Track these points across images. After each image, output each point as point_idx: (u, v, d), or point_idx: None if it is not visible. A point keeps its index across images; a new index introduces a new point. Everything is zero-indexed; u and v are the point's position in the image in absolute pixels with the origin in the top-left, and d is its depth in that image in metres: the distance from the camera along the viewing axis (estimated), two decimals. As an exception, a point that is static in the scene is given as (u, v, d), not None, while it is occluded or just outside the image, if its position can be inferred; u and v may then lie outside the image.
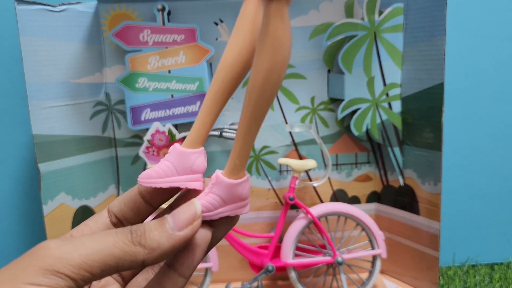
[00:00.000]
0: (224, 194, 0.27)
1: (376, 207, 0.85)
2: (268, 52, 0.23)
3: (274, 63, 0.23)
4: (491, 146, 0.90)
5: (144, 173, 0.27)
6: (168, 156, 0.27)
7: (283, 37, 0.23)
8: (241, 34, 0.26)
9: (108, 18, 0.75)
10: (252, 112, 0.25)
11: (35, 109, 0.68)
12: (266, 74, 0.24)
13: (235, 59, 0.26)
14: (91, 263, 0.22)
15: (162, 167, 0.27)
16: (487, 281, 0.86)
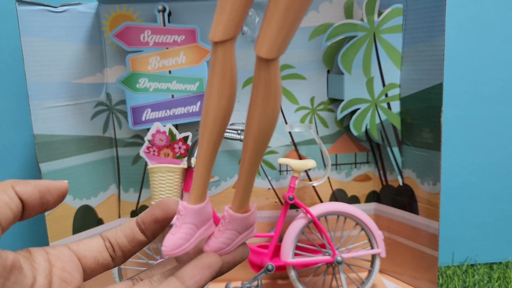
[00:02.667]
0: (239, 227, 0.30)
1: (375, 206, 0.86)
2: (272, 102, 0.26)
3: (277, 109, 0.27)
4: (490, 146, 0.91)
5: (170, 243, 0.28)
6: (185, 218, 0.28)
7: (280, 86, 0.26)
8: (225, 84, 0.26)
9: (109, 19, 0.75)
10: (257, 155, 0.28)
11: (36, 109, 0.68)
12: (272, 120, 0.27)
13: (222, 112, 0.27)
14: None
15: (187, 231, 0.28)
16: (486, 280, 0.86)
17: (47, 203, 0.29)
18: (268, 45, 0.24)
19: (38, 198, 0.28)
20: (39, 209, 0.29)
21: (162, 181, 0.74)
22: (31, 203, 0.28)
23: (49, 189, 0.29)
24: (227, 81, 0.26)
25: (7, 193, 0.27)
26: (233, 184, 0.82)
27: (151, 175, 0.75)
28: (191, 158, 0.75)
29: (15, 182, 0.28)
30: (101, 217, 0.79)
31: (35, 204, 0.28)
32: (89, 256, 0.30)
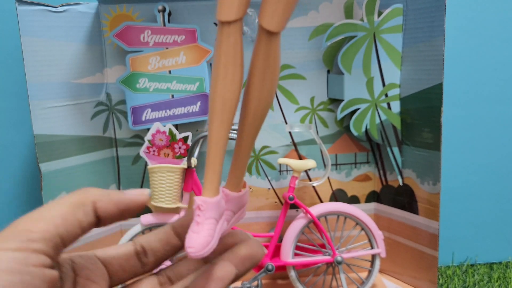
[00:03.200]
0: (234, 207, 0.29)
1: (375, 206, 0.86)
2: (271, 76, 0.26)
3: (275, 84, 0.26)
4: (489, 146, 0.91)
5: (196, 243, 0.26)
6: (206, 212, 0.27)
7: (280, 61, 0.26)
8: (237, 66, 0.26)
9: (109, 19, 0.75)
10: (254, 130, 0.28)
11: (36, 109, 0.68)
12: (270, 95, 0.26)
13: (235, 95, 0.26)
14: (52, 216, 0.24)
15: (210, 227, 0.27)
16: (486, 280, 0.86)
17: (123, 218, 0.28)
18: (279, 18, 0.24)
19: (116, 216, 0.27)
20: (112, 222, 0.28)
21: (162, 181, 0.74)
22: (107, 220, 0.27)
23: (130, 206, 0.28)
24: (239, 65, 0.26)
25: (84, 209, 0.26)
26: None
27: (151, 175, 0.75)
28: (191, 158, 0.75)
29: (97, 196, 0.26)
30: (101, 217, 0.79)
31: (110, 221, 0.27)
32: (115, 263, 0.29)
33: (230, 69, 0.26)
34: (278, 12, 0.24)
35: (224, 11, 0.24)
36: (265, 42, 0.25)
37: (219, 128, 0.27)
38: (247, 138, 0.28)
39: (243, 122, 0.27)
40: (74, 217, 0.25)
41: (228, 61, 0.26)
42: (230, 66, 0.26)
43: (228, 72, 0.26)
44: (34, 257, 0.22)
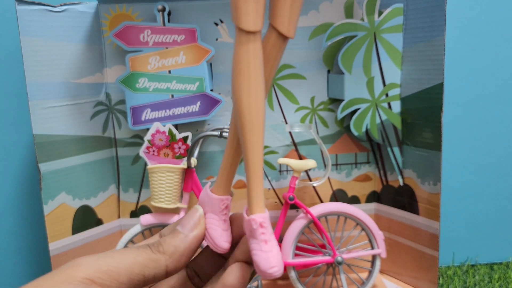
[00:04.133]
0: None
1: (375, 207, 0.85)
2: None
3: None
4: (490, 146, 0.91)
5: (276, 261, 0.26)
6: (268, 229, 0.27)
7: None
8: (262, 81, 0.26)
9: (109, 19, 0.75)
10: None
11: (35, 109, 0.68)
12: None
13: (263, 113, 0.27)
14: (118, 271, 0.24)
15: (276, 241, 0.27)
16: (487, 280, 0.86)
17: None
18: (294, 25, 0.25)
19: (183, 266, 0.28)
20: None
21: (162, 181, 0.74)
22: None
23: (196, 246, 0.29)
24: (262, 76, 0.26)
25: (155, 271, 0.26)
26: (233, 184, 0.82)
27: (150, 175, 0.74)
28: (191, 158, 0.75)
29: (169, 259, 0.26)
30: (101, 217, 0.79)
31: None
32: None
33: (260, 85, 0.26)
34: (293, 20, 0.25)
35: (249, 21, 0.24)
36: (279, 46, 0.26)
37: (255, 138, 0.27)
38: None
39: None
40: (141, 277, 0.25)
41: (257, 75, 0.26)
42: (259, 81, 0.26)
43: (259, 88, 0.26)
44: None
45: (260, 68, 0.26)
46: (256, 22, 0.24)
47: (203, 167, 0.81)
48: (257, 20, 0.24)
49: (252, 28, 0.24)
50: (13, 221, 0.86)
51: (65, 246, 0.73)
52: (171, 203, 0.74)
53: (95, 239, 0.78)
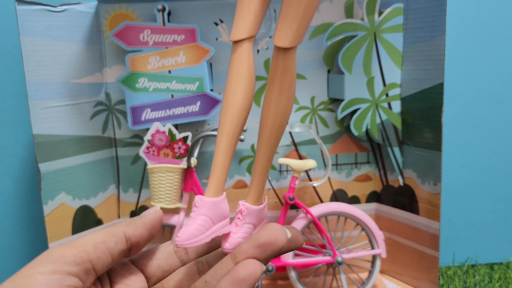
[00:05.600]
0: (254, 220, 0.30)
1: (376, 207, 0.85)
2: (287, 90, 0.27)
3: (292, 99, 0.28)
4: (491, 146, 0.90)
5: (183, 234, 0.28)
6: (200, 209, 0.28)
7: (295, 77, 0.28)
8: (243, 82, 0.28)
9: (109, 18, 0.75)
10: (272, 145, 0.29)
11: (35, 109, 0.68)
12: (287, 109, 0.28)
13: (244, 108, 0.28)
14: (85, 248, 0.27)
15: (202, 223, 0.28)
16: (487, 281, 0.86)
17: (151, 237, 0.31)
18: (285, 35, 0.26)
19: (146, 237, 0.30)
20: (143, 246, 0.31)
21: (161, 181, 0.74)
22: (139, 244, 0.30)
23: (154, 224, 0.31)
24: (250, 81, 0.28)
25: (116, 238, 0.28)
26: (233, 184, 0.82)
27: (150, 175, 0.74)
28: (191, 158, 0.75)
29: (126, 224, 0.29)
30: (101, 217, 0.79)
31: (142, 244, 0.30)
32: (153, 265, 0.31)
33: (239, 84, 0.28)
34: (285, 30, 0.26)
35: (234, 32, 0.27)
36: (281, 59, 0.27)
37: (227, 137, 0.28)
38: (266, 153, 0.29)
39: (262, 137, 0.29)
40: (104, 245, 0.27)
41: (241, 77, 0.28)
42: (239, 81, 0.28)
43: (238, 87, 0.28)
44: (68, 279, 0.25)
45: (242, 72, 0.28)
46: (239, 32, 0.27)
47: (203, 167, 0.81)
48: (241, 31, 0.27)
49: (234, 38, 0.27)
50: (13, 221, 0.86)
51: (65, 246, 0.73)
52: (171, 203, 0.74)
53: (95, 239, 0.78)
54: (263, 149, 0.29)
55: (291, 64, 0.27)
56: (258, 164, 0.30)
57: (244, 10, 0.27)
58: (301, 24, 0.26)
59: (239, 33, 0.27)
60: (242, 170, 0.81)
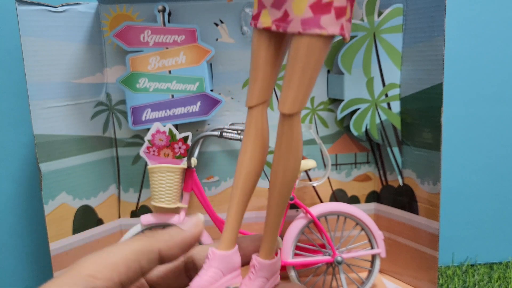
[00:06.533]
0: (267, 274, 0.32)
1: (375, 206, 0.86)
2: (294, 153, 0.28)
3: (298, 161, 0.29)
4: (490, 146, 0.91)
5: (195, 284, 0.28)
6: (212, 262, 0.29)
7: (301, 140, 0.29)
8: (257, 144, 0.29)
9: (109, 19, 0.75)
10: (283, 203, 0.30)
11: (36, 109, 0.68)
12: (294, 171, 0.29)
13: (253, 169, 0.30)
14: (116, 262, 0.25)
15: (211, 275, 0.29)
16: (486, 280, 0.86)
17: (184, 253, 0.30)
18: (290, 103, 0.27)
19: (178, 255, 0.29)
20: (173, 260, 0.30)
21: (162, 181, 0.74)
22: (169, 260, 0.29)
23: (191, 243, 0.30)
24: (259, 143, 0.29)
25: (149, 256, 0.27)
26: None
27: (151, 175, 0.75)
28: (191, 158, 0.75)
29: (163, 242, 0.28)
30: (101, 217, 0.79)
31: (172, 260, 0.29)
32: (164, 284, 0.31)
33: (251, 147, 0.29)
34: (290, 97, 0.27)
35: (248, 98, 0.29)
36: (286, 125, 0.28)
37: (241, 194, 0.30)
38: (277, 209, 0.30)
39: (272, 193, 0.30)
40: (137, 264, 0.26)
41: (250, 140, 0.29)
42: (252, 144, 0.29)
43: (249, 150, 0.29)
44: None
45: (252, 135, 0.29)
46: (252, 99, 0.29)
47: (203, 167, 0.81)
48: (254, 97, 0.29)
49: (248, 104, 0.29)
50: (13, 221, 0.87)
51: (65, 246, 0.73)
52: (171, 203, 0.74)
53: (96, 239, 0.78)
54: (274, 205, 0.30)
55: (297, 127, 0.28)
56: (270, 219, 0.31)
57: (257, 77, 0.28)
58: (306, 90, 0.27)
59: (252, 99, 0.29)
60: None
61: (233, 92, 0.79)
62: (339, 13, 0.26)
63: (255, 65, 0.28)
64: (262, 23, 0.27)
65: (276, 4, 0.26)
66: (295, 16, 0.25)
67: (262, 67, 0.28)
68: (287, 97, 0.27)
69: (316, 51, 0.26)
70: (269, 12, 0.27)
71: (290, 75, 0.26)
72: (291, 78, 0.26)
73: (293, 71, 0.26)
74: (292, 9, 0.26)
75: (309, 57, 0.26)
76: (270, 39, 0.28)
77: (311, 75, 0.26)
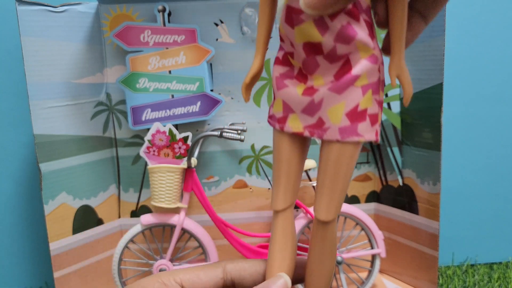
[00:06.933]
0: None
1: (375, 206, 0.86)
2: (328, 257, 0.28)
3: (332, 266, 0.28)
4: (490, 146, 0.91)
5: None
6: None
7: (335, 243, 0.28)
8: (285, 256, 0.29)
9: (109, 19, 0.75)
10: None
11: (36, 109, 0.68)
12: (330, 273, 0.28)
13: (286, 271, 0.29)
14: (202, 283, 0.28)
15: None
16: (486, 280, 0.86)
17: None
18: (325, 210, 0.26)
19: None
20: None
21: (162, 181, 0.74)
22: None
23: None
24: (287, 253, 0.28)
25: None
26: (233, 184, 0.82)
27: (151, 175, 0.75)
28: (191, 158, 0.75)
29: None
30: (101, 217, 0.79)
31: None
32: None
33: (279, 257, 0.28)
34: (324, 204, 0.26)
35: (276, 202, 0.28)
36: (321, 230, 0.27)
37: None
38: None
39: None
40: None
41: (277, 248, 0.28)
42: (280, 254, 0.28)
43: (277, 259, 0.28)
44: None
45: (282, 244, 0.28)
46: (279, 203, 0.28)
47: (203, 167, 0.81)
48: (281, 202, 0.28)
49: (276, 208, 0.28)
50: (13, 221, 0.87)
51: (65, 246, 0.73)
52: (171, 203, 0.74)
53: (96, 239, 0.78)
54: None
55: (332, 232, 0.28)
56: None
57: (280, 179, 0.28)
58: (340, 196, 0.26)
59: (278, 203, 0.28)
60: (242, 170, 0.82)
61: (233, 92, 0.79)
62: (373, 119, 0.26)
63: (278, 167, 0.27)
64: (291, 128, 0.26)
65: (308, 110, 0.26)
66: (332, 124, 0.25)
67: (285, 169, 0.27)
68: (321, 203, 0.26)
69: (348, 156, 0.26)
70: (298, 117, 0.26)
71: (322, 180, 0.26)
72: (324, 184, 0.26)
73: (325, 176, 0.26)
74: (328, 117, 0.25)
75: (340, 163, 0.25)
76: (293, 140, 0.27)
77: (344, 180, 0.26)
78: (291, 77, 0.27)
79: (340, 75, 0.25)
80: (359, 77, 0.25)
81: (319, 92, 0.25)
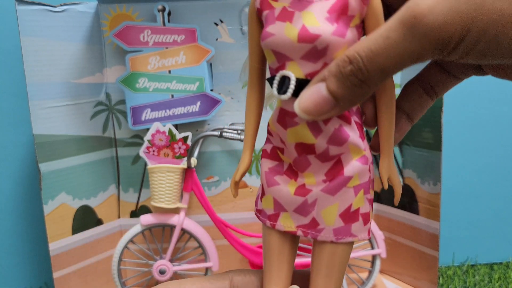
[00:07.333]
0: None
1: (375, 206, 0.85)
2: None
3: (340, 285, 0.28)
4: (490, 146, 0.91)
5: None
6: None
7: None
8: None
9: (109, 19, 0.75)
10: None
11: (35, 109, 0.68)
12: None
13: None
14: None
15: None
16: (487, 280, 0.86)
17: None
18: None
19: None
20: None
21: (162, 181, 0.74)
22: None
23: None
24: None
25: None
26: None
27: (151, 175, 0.74)
28: (191, 158, 0.75)
29: None
30: (101, 217, 0.79)
31: None
32: None
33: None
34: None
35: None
36: None
37: None
38: None
39: None
40: None
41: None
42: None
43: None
44: None
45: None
46: None
47: (203, 167, 0.81)
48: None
49: None
50: (13, 221, 0.87)
51: (65, 246, 0.73)
52: (171, 203, 0.74)
53: (95, 239, 0.78)
54: None
55: None
56: None
57: (273, 272, 0.27)
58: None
59: None
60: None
61: (233, 92, 0.79)
62: (365, 219, 0.26)
63: (269, 261, 0.27)
64: (283, 227, 0.26)
65: (301, 210, 0.26)
66: (326, 226, 0.25)
67: (276, 263, 0.27)
68: (317, 286, 0.26)
69: (341, 256, 0.26)
70: (291, 216, 0.26)
71: (315, 281, 0.26)
72: (317, 284, 0.26)
73: (318, 277, 0.26)
74: (322, 219, 0.25)
75: (333, 263, 0.25)
76: (284, 235, 0.27)
77: (338, 278, 0.26)
78: (280, 173, 0.27)
79: (332, 175, 0.26)
80: (351, 178, 0.26)
81: (313, 193, 0.25)
